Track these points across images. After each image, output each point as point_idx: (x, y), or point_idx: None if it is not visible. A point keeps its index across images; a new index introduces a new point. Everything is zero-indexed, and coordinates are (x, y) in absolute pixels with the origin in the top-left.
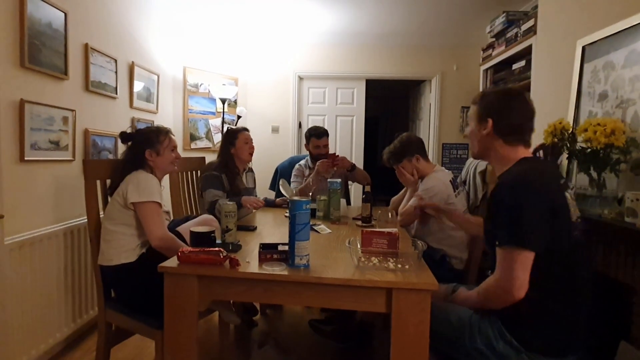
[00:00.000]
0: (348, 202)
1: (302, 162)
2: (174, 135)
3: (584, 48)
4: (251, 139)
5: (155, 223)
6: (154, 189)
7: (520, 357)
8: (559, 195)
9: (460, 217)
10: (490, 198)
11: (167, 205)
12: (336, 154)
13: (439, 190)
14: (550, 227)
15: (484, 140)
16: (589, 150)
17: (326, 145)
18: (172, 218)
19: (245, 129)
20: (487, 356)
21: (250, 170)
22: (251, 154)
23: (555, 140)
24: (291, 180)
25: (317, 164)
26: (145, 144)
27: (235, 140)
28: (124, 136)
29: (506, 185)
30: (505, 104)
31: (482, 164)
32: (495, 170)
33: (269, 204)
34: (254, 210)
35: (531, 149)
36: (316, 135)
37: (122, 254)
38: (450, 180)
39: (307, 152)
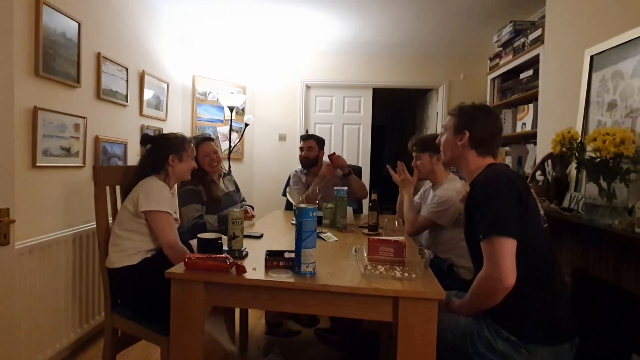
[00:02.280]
0: (360, 210)
1: (298, 168)
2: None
3: (592, 57)
4: (214, 150)
5: (165, 231)
6: (163, 199)
7: (521, 352)
8: (525, 190)
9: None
10: (467, 203)
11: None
12: (334, 153)
13: (454, 202)
14: (522, 216)
15: (458, 149)
16: (598, 159)
17: (310, 148)
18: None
19: (208, 139)
20: (488, 358)
21: (228, 173)
22: (215, 166)
23: (564, 149)
24: (292, 187)
25: (322, 169)
26: (170, 149)
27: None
28: (146, 138)
29: (480, 186)
30: (481, 118)
31: None
32: (464, 176)
33: None
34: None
35: (497, 159)
36: (301, 137)
37: (124, 257)
38: None
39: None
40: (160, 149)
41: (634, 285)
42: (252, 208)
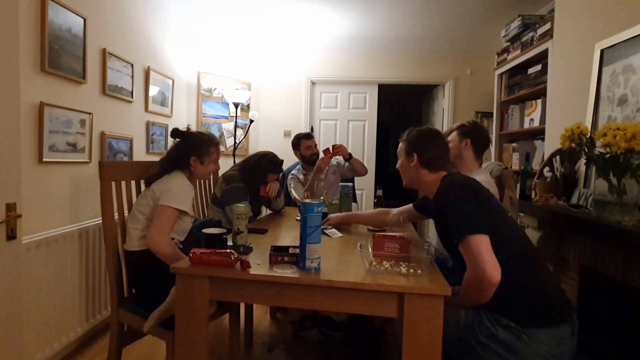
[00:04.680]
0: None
1: (294, 171)
2: (220, 146)
3: (602, 51)
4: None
5: (161, 228)
6: (186, 198)
7: (522, 338)
8: (480, 189)
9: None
10: (436, 215)
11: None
12: (333, 145)
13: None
14: (488, 210)
15: (412, 171)
16: (608, 155)
17: (316, 145)
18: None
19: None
20: (492, 347)
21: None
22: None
23: (573, 145)
24: (297, 184)
25: (318, 161)
26: (193, 150)
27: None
28: (175, 132)
29: (441, 197)
30: (425, 141)
31: (496, 169)
32: (426, 194)
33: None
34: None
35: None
36: (306, 137)
37: (142, 239)
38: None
39: (296, 161)
40: (185, 147)
41: None
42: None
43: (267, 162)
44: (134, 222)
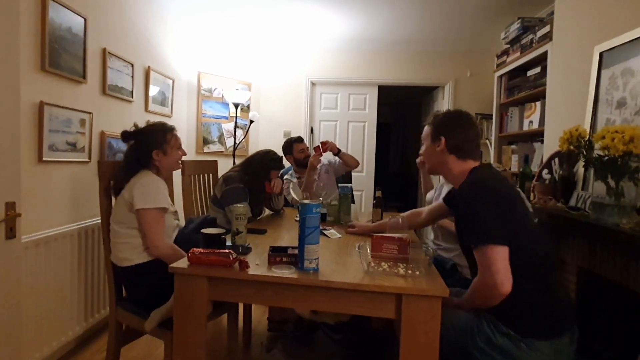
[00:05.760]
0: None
1: (287, 175)
2: (177, 131)
3: (601, 54)
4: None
5: (155, 232)
6: (160, 194)
7: (520, 347)
8: (508, 192)
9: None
10: (455, 212)
11: (178, 205)
12: (322, 142)
13: None
14: (510, 219)
15: (438, 156)
16: (606, 158)
17: (307, 148)
18: (179, 218)
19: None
20: (489, 353)
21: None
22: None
23: (571, 147)
24: (295, 185)
25: (310, 159)
26: (151, 144)
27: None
28: (125, 135)
29: (464, 194)
30: (455, 124)
31: None
32: (451, 184)
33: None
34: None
35: (480, 162)
36: (298, 140)
37: (135, 255)
38: None
39: (287, 166)
40: (142, 145)
41: None
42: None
43: (269, 160)
44: (114, 236)
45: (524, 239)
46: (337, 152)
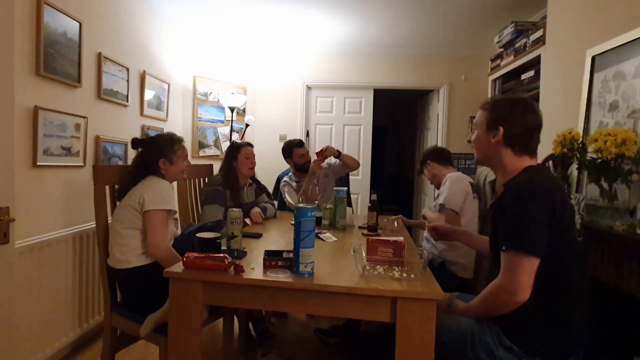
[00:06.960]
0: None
1: (286, 177)
2: (185, 142)
3: (593, 58)
4: (253, 154)
5: (159, 232)
6: (170, 197)
7: None
8: (563, 201)
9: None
10: (495, 205)
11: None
12: (322, 149)
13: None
14: (552, 233)
15: (492, 148)
16: (599, 160)
17: (308, 152)
18: (179, 224)
19: (249, 144)
20: None
21: (252, 184)
22: (251, 169)
23: (565, 150)
24: (291, 189)
25: (311, 165)
26: (159, 153)
27: (237, 154)
28: (135, 142)
29: (511, 193)
30: (518, 113)
31: (491, 174)
32: (498, 178)
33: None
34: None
35: (536, 159)
36: (298, 145)
37: (133, 257)
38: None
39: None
40: (150, 153)
41: (635, 288)
42: (265, 210)
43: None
44: (115, 237)
45: (559, 254)
46: (338, 155)
